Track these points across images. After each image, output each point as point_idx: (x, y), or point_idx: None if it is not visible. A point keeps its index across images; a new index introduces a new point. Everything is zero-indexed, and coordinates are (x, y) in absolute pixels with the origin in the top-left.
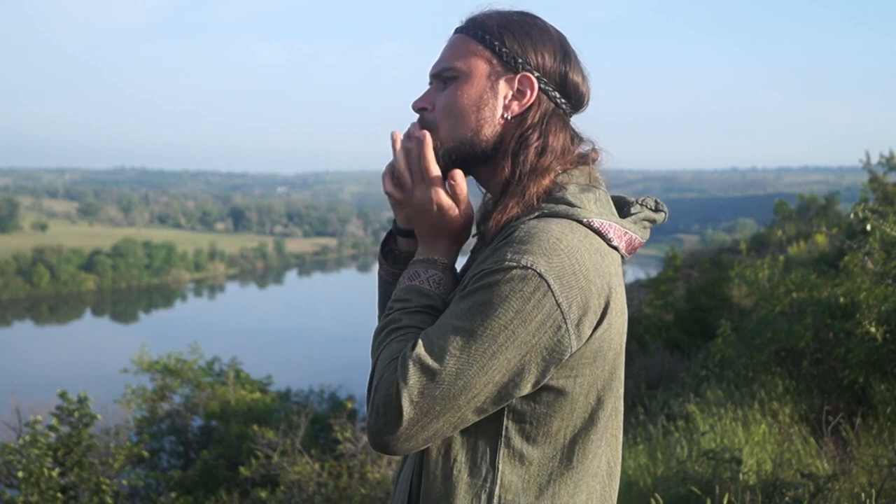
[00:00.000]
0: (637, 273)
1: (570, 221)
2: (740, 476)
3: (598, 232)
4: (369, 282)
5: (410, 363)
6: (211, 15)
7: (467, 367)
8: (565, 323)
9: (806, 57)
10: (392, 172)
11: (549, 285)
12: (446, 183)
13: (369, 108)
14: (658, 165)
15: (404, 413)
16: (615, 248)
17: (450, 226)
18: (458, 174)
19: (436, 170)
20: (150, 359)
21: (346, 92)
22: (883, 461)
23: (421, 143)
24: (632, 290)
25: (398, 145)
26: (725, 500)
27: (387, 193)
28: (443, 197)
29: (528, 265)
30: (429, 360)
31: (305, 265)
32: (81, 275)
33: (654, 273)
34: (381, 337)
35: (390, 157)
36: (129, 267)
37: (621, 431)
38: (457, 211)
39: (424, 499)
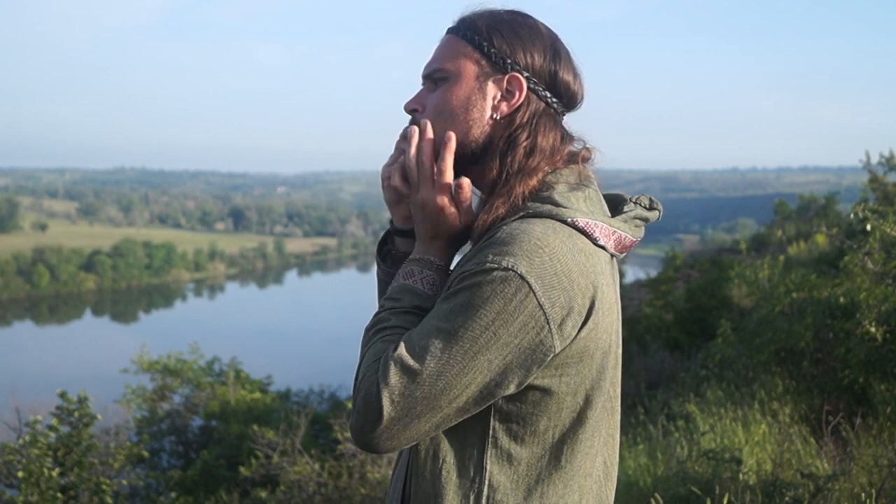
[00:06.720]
0: (637, 273)
1: (553, 221)
2: (740, 476)
3: (583, 231)
4: (369, 282)
5: (392, 363)
6: (211, 15)
7: (448, 367)
8: (548, 324)
9: (806, 57)
10: (402, 167)
11: (530, 287)
12: (454, 187)
13: (369, 108)
14: (658, 165)
15: (384, 412)
16: (602, 248)
17: (448, 228)
18: (466, 182)
19: (450, 172)
20: (150, 359)
21: (347, 92)
22: (883, 461)
23: (445, 144)
24: (632, 290)
25: (415, 140)
26: (725, 501)
27: (393, 188)
28: (446, 200)
29: (509, 267)
30: (410, 361)
31: (305, 265)
32: (81, 275)
33: (654, 273)
34: (369, 336)
35: (392, 154)
36: (129, 267)
37: (618, 431)
38: (456, 215)
39: (415, 499)
